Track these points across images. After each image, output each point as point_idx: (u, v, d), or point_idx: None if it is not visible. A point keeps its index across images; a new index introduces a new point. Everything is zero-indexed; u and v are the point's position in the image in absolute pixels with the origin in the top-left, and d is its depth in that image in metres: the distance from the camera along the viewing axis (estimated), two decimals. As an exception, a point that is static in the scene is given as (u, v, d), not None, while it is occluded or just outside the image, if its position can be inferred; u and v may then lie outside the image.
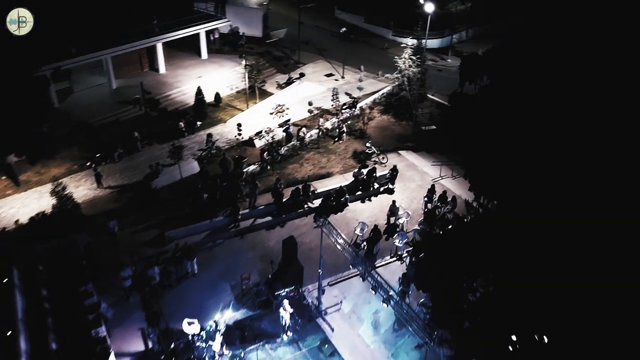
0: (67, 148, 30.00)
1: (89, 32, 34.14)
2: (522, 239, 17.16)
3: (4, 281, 18.32)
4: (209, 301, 20.98)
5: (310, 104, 36.11)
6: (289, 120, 33.18)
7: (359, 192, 27.57)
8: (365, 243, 23.69)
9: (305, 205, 26.13)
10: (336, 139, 32.82)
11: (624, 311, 14.18)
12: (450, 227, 21.72)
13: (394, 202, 25.56)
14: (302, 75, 40.81)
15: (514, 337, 15.60)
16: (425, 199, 26.65)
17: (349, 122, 34.69)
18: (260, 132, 31.64)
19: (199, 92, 34.14)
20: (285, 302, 19.59)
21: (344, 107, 35.36)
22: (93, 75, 37.59)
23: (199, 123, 33.36)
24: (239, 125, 31.53)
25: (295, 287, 20.78)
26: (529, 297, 15.95)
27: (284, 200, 25.83)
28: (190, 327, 17.83)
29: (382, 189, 28.19)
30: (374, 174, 27.88)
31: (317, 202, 26.26)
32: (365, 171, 27.94)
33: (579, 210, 16.63)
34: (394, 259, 23.67)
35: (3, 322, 16.75)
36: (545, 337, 15.17)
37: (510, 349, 15.58)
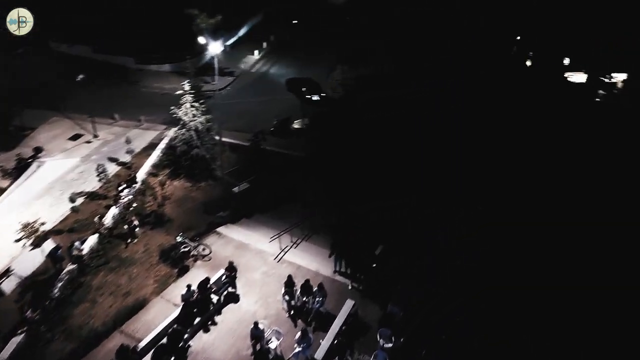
0: None
1: None
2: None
3: None
4: None
5: (72, 200, 25.15)
6: (46, 234, 22.33)
7: (198, 319, 19.69)
8: (243, 405, 16.59)
9: (132, 379, 17.16)
10: (128, 240, 23.54)
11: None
12: None
13: (255, 324, 18.53)
14: (38, 150, 28.96)
15: None
16: (286, 296, 20.49)
17: (135, 205, 25.54)
18: (8, 270, 20.34)
19: None
20: None
21: (122, 187, 25.90)
22: None
23: None
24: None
25: None
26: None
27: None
28: None
29: (222, 298, 20.87)
30: (209, 285, 20.28)
31: (146, 363, 17.62)
32: (196, 288, 20.03)
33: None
34: (288, 410, 17.14)
35: None
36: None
37: None
